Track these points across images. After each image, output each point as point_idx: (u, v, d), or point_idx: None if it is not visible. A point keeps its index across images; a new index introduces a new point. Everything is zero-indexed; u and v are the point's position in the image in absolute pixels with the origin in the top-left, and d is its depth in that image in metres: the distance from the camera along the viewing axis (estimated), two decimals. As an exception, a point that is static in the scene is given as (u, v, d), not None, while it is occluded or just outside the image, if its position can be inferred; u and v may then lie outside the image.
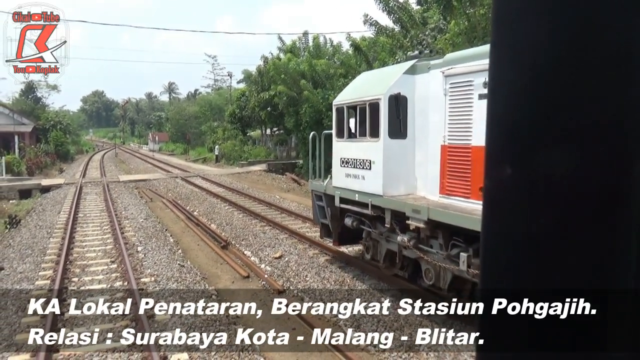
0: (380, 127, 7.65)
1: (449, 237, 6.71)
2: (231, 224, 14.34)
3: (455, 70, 6.80)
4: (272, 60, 30.59)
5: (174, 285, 8.55)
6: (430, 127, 7.40)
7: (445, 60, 7.18)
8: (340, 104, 8.80)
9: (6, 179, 25.01)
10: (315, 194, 10.23)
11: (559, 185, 0.50)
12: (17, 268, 9.77)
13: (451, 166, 6.92)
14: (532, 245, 0.53)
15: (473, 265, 6.21)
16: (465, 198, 6.62)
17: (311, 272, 9.38)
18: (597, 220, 0.50)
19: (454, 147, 6.87)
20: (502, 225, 0.56)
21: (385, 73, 8.99)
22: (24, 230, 13.73)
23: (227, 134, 45.33)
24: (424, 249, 7.22)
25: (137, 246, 11.49)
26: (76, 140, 67.94)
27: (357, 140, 8.43)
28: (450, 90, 6.92)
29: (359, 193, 8.28)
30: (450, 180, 6.95)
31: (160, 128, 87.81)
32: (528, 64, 0.53)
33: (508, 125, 0.55)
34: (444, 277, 6.96)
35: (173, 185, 25.16)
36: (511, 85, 0.54)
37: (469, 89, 6.62)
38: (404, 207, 7.23)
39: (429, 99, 7.38)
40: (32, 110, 49.52)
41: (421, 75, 7.58)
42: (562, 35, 0.51)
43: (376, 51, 22.29)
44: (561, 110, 0.50)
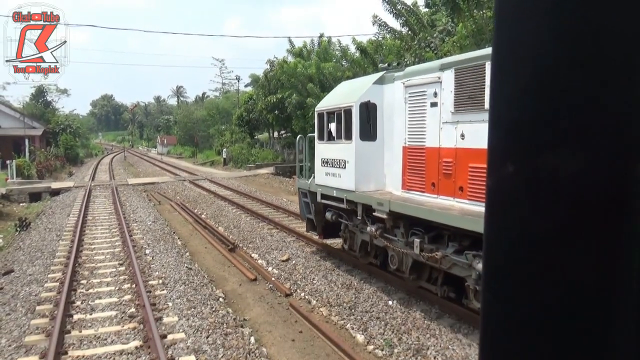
0: (353, 130, 8.58)
1: (409, 227, 7.57)
2: (239, 227, 14.37)
3: (412, 81, 7.78)
4: (279, 64, 30.67)
5: (182, 288, 8.57)
6: (394, 130, 8.30)
7: (406, 73, 8.10)
8: (321, 109, 9.76)
9: (17, 182, 25.27)
10: (301, 191, 11.19)
11: (561, 186, 0.50)
12: (27, 270, 9.85)
13: (410, 165, 7.90)
14: (533, 245, 0.52)
15: (425, 249, 7.13)
16: (421, 192, 7.61)
17: (318, 274, 9.37)
18: (601, 221, 0.49)
19: (412, 148, 7.83)
20: (503, 226, 0.55)
21: (359, 83, 9.74)
22: (34, 233, 13.85)
23: (235, 137, 45.49)
24: (389, 238, 8.13)
25: (145, 249, 11.55)
26: (85, 144, 68.55)
27: (334, 142, 9.34)
28: (409, 99, 7.88)
29: (336, 189, 9.21)
30: (410, 177, 7.94)
31: (168, 131, 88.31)
32: (530, 63, 0.53)
33: (510, 125, 0.54)
34: (406, 262, 7.86)
35: (181, 188, 25.28)
36: (513, 85, 0.54)
37: (422, 98, 7.54)
38: (371, 200, 8.15)
39: (394, 106, 8.27)
40: (42, 114, 50.07)
41: (388, 85, 8.47)
42: (564, 35, 0.50)
43: (383, 54, 22.29)
44: (564, 111, 0.50)
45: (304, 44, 30.76)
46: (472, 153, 6.58)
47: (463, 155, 6.73)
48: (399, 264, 8.01)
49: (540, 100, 0.52)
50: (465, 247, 6.56)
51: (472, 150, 6.58)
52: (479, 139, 6.42)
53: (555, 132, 0.51)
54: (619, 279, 0.48)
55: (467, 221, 6.10)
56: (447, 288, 7.27)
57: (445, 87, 7.04)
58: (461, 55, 7.30)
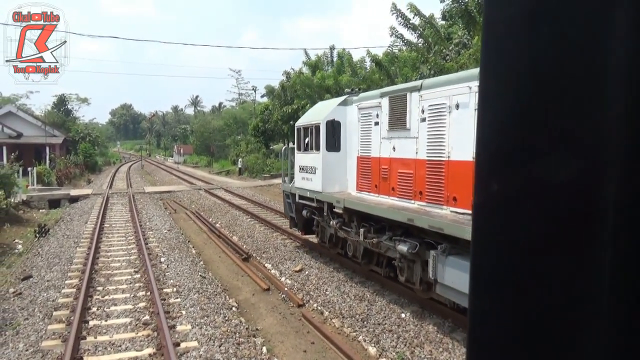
0: (321, 143, 10.42)
1: (360, 220, 9.29)
2: (252, 237, 14.44)
3: (362, 104, 9.75)
4: (295, 75, 30.92)
5: (196, 296, 8.64)
6: (352, 143, 10.22)
7: (359, 97, 10.07)
8: (299, 125, 11.76)
9: (37, 189, 25.76)
10: (285, 193, 13.17)
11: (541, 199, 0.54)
12: (45, 276, 10.02)
13: (361, 170, 9.88)
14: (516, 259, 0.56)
15: (368, 237, 8.87)
16: (369, 192, 9.52)
17: (331, 286, 9.36)
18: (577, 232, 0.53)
19: (363, 157, 9.78)
20: (488, 239, 0.59)
21: (328, 104, 11.66)
22: (52, 239, 14.10)
23: (251, 147, 45.83)
24: (346, 230, 9.94)
25: (161, 257, 11.67)
26: (104, 152, 69.67)
27: (308, 152, 11.16)
28: (361, 118, 9.77)
29: (309, 191, 11.03)
30: (361, 180, 9.89)
31: (185, 140, 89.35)
32: (513, 83, 0.57)
33: (495, 143, 0.58)
34: (359, 249, 9.56)
35: (197, 197, 25.51)
36: (497, 113, 0.58)
37: (369, 118, 9.44)
38: (332, 199, 10.05)
39: (352, 124, 10.14)
40: (63, 123, 51.12)
41: (349, 106, 10.30)
42: (547, 52, 0.54)
43: (399, 66, 22.35)
44: (544, 126, 0.54)
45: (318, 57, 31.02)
46: (400, 162, 8.46)
47: (394, 164, 8.65)
48: (354, 251, 9.79)
49: (522, 126, 0.56)
50: (397, 235, 8.08)
51: (400, 159, 8.46)
52: (404, 151, 8.28)
53: (535, 149, 0.55)
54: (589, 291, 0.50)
55: (390, 212, 7.90)
56: (388, 269, 8.87)
57: (383, 110, 8.90)
58: (393, 87, 9.42)
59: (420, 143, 7.80)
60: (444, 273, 6.71)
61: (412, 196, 8.05)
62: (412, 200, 8.06)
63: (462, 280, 6.30)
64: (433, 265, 6.89)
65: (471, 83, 6.65)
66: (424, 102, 7.72)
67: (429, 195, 7.57)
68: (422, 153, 7.75)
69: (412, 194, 8.07)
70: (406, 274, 7.90)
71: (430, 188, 7.56)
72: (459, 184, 6.92)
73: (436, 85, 7.54)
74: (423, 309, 7.97)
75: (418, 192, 7.89)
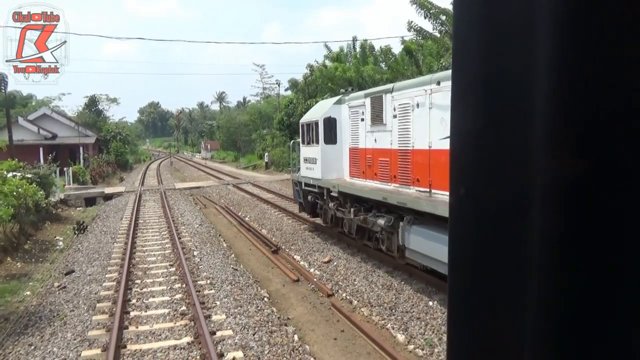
0: (320, 137, 12.13)
1: (352, 201, 10.93)
2: (281, 229, 14.74)
3: (352, 103, 11.50)
4: (318, 68, 30.99)
5: (228, 288, 8.96)
6: (345, 136, 11.90)
7: (349, 97, 11.79)
8: (303, 122, 13.56)
9: (73, 188, 26.71)
10: (293, 181, 15.10)
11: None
12: (87, 271, 10.54)
13: (352, 159, 11.64)
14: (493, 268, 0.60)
15: (358, 215, 10.42)
16: (358, 178, 11.25)
17: (359, 276, 9.56)
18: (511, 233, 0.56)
19: (353, 149, 11.53)
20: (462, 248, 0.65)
21: (325, 103, 13.49)
22: (91, 235, 14.71)
23: (276, 141, 46.17)
24: (342, 210, 11.49)
25: (193, 251, 12.08)
26: (134, 150, 71.25)
27: (310, 145, 12.88)
28: (351, 115, 11.55)
29: (312, 179, 12.88)
30: (352, 168, 11.66)
31: (211, 136, 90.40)
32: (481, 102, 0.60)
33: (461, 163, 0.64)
34: (352, 227, 11.04)
35: (225, 192, 26.00)
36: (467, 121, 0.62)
37: (357, 115, 11.17)
38: (330, 185, 11.80)
39: (345, 120, 11.87)
40: (94, 123, 52.55)
41: (343, 105, 11.99)
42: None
43: (423, 54, 22.20)
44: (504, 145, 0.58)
45: (341, 49, 30.98)
46: (380, 151, 10.17)
47: (376, 153, 10.35)
48: (349, 229, 11.21)
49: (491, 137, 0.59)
50: (380, 212, 9.63)
51: (380, 149, 10.15)
52: (383, 143, 9.97)
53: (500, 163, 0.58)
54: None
55: (371, 193, 9.70)
56: (376, 243, 10.15)
57: (367, 108, 10.57)
58: (373, 89, 11.13)
59: (393, 136, 9.56)
60: (409, 240, 8.43)
61: (389, 179, 9.84)
62: (389, 183, 9.85)
63: (424, 245, 7.93)
64: (402, 234, 8.65)
65: (427, 87, 8.29)
66: (395, 101, 9.42)
67: (401, 178, 9.36)
68: (395, 144, 9.51)
69: (389, 177, 9.86)
70: (386, 244, 9.57)
71: (401, 172, 9.35)
72: (420, 168, 8.66)
73: (403, 88, 9.30)
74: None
75: (393, 176, 9.68)
